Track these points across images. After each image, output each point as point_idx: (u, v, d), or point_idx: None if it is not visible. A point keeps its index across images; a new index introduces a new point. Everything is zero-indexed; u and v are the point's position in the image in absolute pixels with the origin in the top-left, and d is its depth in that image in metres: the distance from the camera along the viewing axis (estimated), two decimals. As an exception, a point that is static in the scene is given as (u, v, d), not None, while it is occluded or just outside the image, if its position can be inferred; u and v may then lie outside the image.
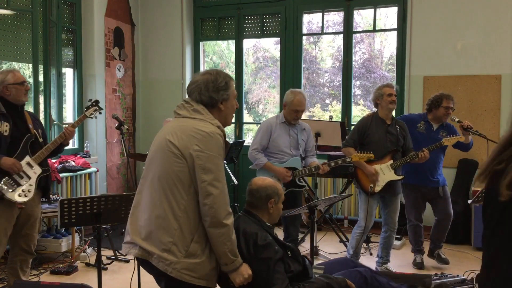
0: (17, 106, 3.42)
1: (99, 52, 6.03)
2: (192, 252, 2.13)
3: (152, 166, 2.25)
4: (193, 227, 2.14)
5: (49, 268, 4.49)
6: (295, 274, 2.48)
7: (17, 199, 3.29)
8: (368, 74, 11.97)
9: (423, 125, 4.46)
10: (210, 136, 2.15)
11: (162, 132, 2.32)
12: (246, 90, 10.95)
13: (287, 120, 4.12)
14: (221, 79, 2.28)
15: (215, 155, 2.15)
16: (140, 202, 2.26)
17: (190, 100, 2.29)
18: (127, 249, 2.27)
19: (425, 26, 5.67)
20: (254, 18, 6.66)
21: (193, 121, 2.22)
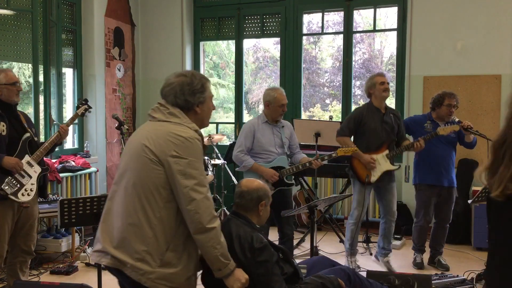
0: (11, 105, 3.39)
1: (99, 52, 6.03)
2: (167, 261, 2.05)
3: (126, 172, 2.14)
4: (168, 236, 2.07)
5: (49, 268, 4.49)
6: (288, 276, 2.46)
7: (21, 199, 3.31)
8: (368, 74, 11.96)
9: (429, 124, 4.46)
10: (188, 141, 2.08)
11: (136, 136, 2.22)
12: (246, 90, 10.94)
13: (272, 119, 4.09)
14: (197, 81, 2.20)
15: (195, 160, 2.08)
16: (112, 209, 2.15)
17: (165, 103, 2.20)
18: (97, 258, 2.14)
19: (425, 26, 5.67)
20: (254, 18, 6.66)
21: (170, 125, 2.13)
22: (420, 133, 4.40)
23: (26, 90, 6.06)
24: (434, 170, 4.36)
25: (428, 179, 4.39)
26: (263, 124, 4.10)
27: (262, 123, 4.10)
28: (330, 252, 4.97)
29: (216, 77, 13.13)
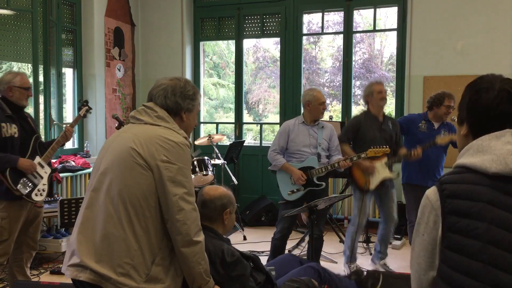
0: (20, 107, 3.46)
1: (99, 52, 6.04)
2: (154, 276, 1.90)
3: (107, 177, 1.96)
4: (154, 248, 1.92)
5: (49, 268, 4.49)
6: (262, 285, 2.39)
7: (35, 199, 3.41)
8: (368, 74, 11.98)
9: (424, 124, 4.47)
10: (179, 147, 1.96)
11: (120, 140, 2.03)
12: (246, 90, 10.95)
13: (309, 119, 4.14)
14: (189, 88, 2.13)
15: (185, 167, 1.96)
16: (91, 218, 1.95)
17: (153, 106, 2.07)
18: (74, 273, 1.91)
19: (425, 26, 5.67)
20: (254, 18, 6.66)
21: (158, 128, 2.00)
22: (414, 133, 4.41)
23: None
24: (421, 170, 4.37)
25: (414, 179, 4.42)
26: (300, 125, 4.16)
27: (299, 123, 4.17)
28: (330, 252, 4.98)
29: (216, 77, 13.13)
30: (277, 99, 7.42)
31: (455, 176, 1.30)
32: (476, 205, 1.22)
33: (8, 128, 3.31)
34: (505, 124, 1.30)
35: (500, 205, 1.21)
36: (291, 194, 4.07)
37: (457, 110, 1.45)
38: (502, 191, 1.22)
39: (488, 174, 1.24)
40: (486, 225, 1.19)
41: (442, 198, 1.27)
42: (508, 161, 1.22)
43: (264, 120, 12.00)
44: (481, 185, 1.23)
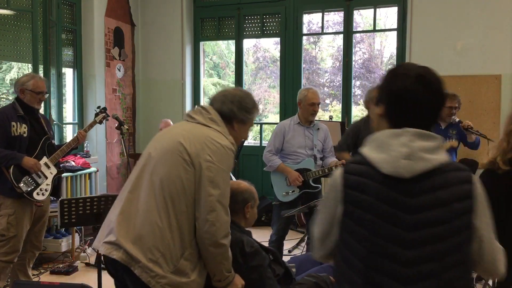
0: (33, 109, 3.53)
1: (99, 52, 6.03)
2: (181, 269, 1.96)
3: (154, 167, 2.04)
4: (186, 242, 1.99)
5: (49, 268, 4.49)
6: (280, 277, 2.44)
7: (36, 198, 3.44)
8: (368, 74, 11.98)
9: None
10: (224, 150, 2.03)
11: (171, 134, 2.14)
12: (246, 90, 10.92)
13: (304, 120, 4.09)
14: (249, 101, 2.20)
15: (226, 170, 2.03)
16: (134, 202, 2.04)
17: (209, 108, 2.16)
18: (108, 250, 1.98)
19: (425, 26, 5.67)
20: (254, 18, 6.66)
21: (208, 130, 2.08)
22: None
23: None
24: None
25: None
26: (295, 125, 4.10)
27: (294, 124, 4.11)
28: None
29: (216, 77, 13.13)
30: (277, 99, 7.43)
31: (356, 167, 1.43)
32: (366, 199, 1.38)
33: (18, 127, 3.41)
34: (416, 110, 1.40)
35: (385, 201, 1.36)
36: (286, 195, 4.03)
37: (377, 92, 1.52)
38: (389, 187, 1.36)
39: (381, 172, 1.37)
40: (372, 218, 1.36)
41: (344, 187, 1.42)
42: (398, 165, 1.34)
43: (264, 120, 12.00)
44: (374, 181, 1.38)
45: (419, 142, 1.36)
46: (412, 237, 1.34)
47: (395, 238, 1.35)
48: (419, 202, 1.34)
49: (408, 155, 1.34)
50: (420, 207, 1.34)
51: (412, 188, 1.35)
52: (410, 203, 1.35)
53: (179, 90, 6.74)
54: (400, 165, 1.34)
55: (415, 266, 1.33)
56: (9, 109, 3.47)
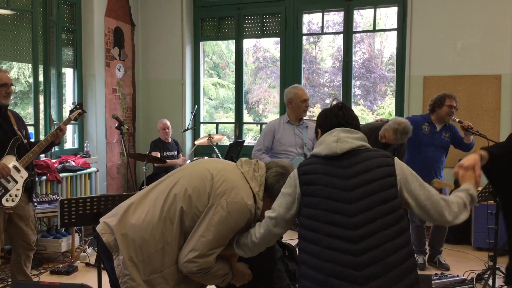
0: (0, 107, 3.29)
1: (99, 52, 6.04)
2: (153, 283, 1.97)
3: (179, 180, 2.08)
4: (169, 261, 2.00)
5: (49, 268, 4.49)
6: (292, 273, 2.48)
7: (5, 204, 3.24)
8: (368, 74, 11.98)
9: (427, 126, 4.46)
10: (242, 206, 2.01)
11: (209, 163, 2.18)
12: (246, 90, 10.93)
13: (295, 118, 4.11)
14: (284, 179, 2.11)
15: (231, 223, 2.00)
16: (146, 200, 2.09)
17: (262, 167, 2.17)
18: (102, 230, 2.07)
19: (425, 26, 5.67)
20: (254, 18, 6.66)
21: (245, 185, 2.07)
22: (417, 135, 4.40)
23: (26, 90, 6.05)
24: (423, 171, 4.35)
25: None
26: (285, 124, 4.12)
27: (284, 123, 4.13)
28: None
29: (216, 77, 13.13)
30: (277, 99, 7.43)
31: (306, 161, 2.02)
32: (316, 176, 1.91)
33: None
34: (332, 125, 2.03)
35: (329, 174, 1.90)
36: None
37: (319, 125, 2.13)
38: (330, 165, 1.92)
39: (322, 156, 1.95)
40: (322, 187, 1.88)
41: (299, 175, 1.96)
42: (332, 146, 1.93)
43: (264, 120, 11.99)
44: (319, 163, 1.94)
45: (344, 134, 1.97)
46: (352, 195, 1.83)
47: (340, 198, 1.84)
48: (352, 171, 1.87)
49: (336, 140, 1.94)
50: (353, 174, 1.87)
51: (345, 162, 1.90)
52: (345, 173, 1.88)
53: (179, 90, 6.74)
54: (332, 146, 1.93)
55: (358, 215, 1.80)
56: None
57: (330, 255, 1.78)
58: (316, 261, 1.80)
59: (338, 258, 1.76)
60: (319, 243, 1.82)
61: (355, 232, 1.77)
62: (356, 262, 1.74)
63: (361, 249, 1.75)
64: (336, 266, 1.76)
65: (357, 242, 1.76)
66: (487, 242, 4.66)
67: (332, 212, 1.82)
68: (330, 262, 1.77)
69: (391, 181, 1.86)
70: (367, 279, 1.72)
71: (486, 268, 4.10)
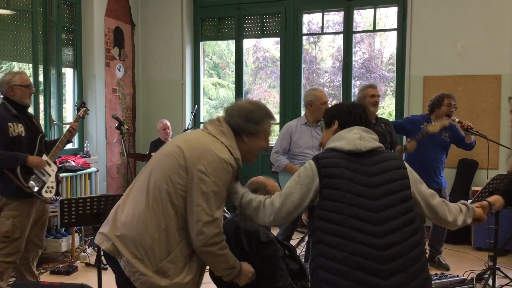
0: (24, 107, 3.50)
1: (99, 52, 6.04)
2: (163, 271, 1.99)
3: (153, 168, 2.10)
4: (173, 245, 2.02)
5: (49, 268, 4.49)
6: (293, 273, 2.50)
7: (45, 196, 3.47)
8: (368, 74, 11.97)
9: (426, 126, 4.46)
10: (221, 163, 2.01)
11: (177, 138, 2.21)
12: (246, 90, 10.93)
13: (313, 120, 4.12)
14: (258, 113, 2.17)
15: (219, 184, 2.01)
16: (129, 199, 2.12)
17: (222, 120, 2.17)
18: (100, 240, 2.11)
19: (425, 26, 5.67)
20: (254, 18, 6.65)
21: (215, 142, 2.08)
22: (415, 133, 4.41)
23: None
24: (423, 172, 4.35)
25: None
26: (302, 126, 4.13)
27: (301, 125, 4.14)
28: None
29: (216, 77, 13.13)
30: (277, 99, 7.42)
31: (325, 154, 2.05)
32: (338, 170, 1.95)
33: (15, 127, 3.37)
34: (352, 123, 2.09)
35: (352, 169, 1.95)
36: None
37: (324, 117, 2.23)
38: (353, 161, 1.97)
39: (344, 151, 1.99)
40: (345, 181, 1.92)
41: (318, 167, 1.98)
42: (356, 143, 1.99)
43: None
44: (341, 158, 1.98)
45: (365, 133, 2.04)
46: (375, 192, 1.91)
47: (363, 194, 1.90)
48: (374, 169, 1.96)
49: (360, 138, 2.01)
50: (376, 172, 1.95)
51: (368, 160, 1.98)
52: (368, 170, 1.95)
53: (179, 90, 6.74)
54: (356, 143, 1.99)
55: (382, 212, 1.87)
56: (2, 110, 3.39)
57: (355, 248, 1.82)
58: (340, 253, 1.84)
59: (363, 251, 1.81)
60: (343, 235, 1.85)
61: (379, 228, 1.84)
62: (381, 256, 1.81)
63: (385, 244, 1.82)
64: (361, 259, 1.81)
65: (382, 237, 1.83)
66: (487, 242, 4.66)
67: (357, 207, 1.87)
68: (354, 255, 1.81)
69: (406, 183, 1.97)
70: (390, 273, 1.80)
71: (486, 268, 4.10)
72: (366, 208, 1.87)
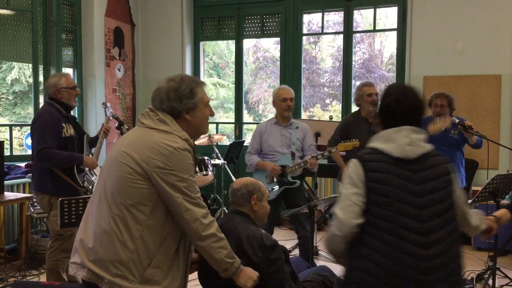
0: (70, 108, 3.61)
1: (99, 52, 6.04)
2: (149, 278, 1.91)
3: (106, 180, 2.00)
4: (152, 250, 1.93)
5: (49, 268, 4.49)
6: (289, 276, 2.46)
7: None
8: (368, 74, 11.98)
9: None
10: (178, 152, 1.93)
11: (120, 143, 2.06)
12: (246, 90, 10.94)
13: (280, 118, 4.17)
14: (185, 87, 2.03)
15: (183, 172, 1.94)
16: (90, 217, 2.01)
17: (155, 109, 2.04)
18: (74, 270, 1.99)
19: (425, 26, 5.67)
20: (254, 18, 6.66)
21: (158, 133, 1.97)
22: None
23: (26, 90, 6.06)
24: None
25: None
26: (272, 125, 4.19)
27: (271, 124, 4.20)
28: (330, 252, 4.97)
29: (216, 77, 13.13)
30: (277, 99, 7.41)
31: (372, 156, 1.94)
32: (386, 176, 1.88)
33: (67, 128, 3.48)
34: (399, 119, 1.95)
35: (400, 176, 1.88)
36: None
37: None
38: (401, 167, 1.89)
39: (393, 157, 1.90)
40: (394, 189, 1.86)
41: (365, 171, 1.89)
42: (405, 150, 1.89)
43: (264, 120, 11.99)
44: (389, 163, 1.90)
45: (414, 135, 1.91)
46: (422, 201, 1.86)
47: (411, 203, 1.85)
48: (422, 176, 1.88)
49: (410, 143, 1.89)
50: (424, 179, 1.88)
51: (416, 167, 1.89)
52: (416, 177, 1.88)
53: (179, 90, 6.74)
54: (406, 150, 1.89)
55: (429, 222, 1.84)
56: (54, 110, 3.48)
57: (401, 258, 1.81)
58: (384, 260, 1.83)
59: (409, 261, 1.81)
60: (389, 244, 1.84)
61: (426, 238, 1.83)
62: (426, 267, 1.81)
63: (432, 255, 1.82)
64: (406, 269, 1.81)
65: (428, 248, 1.82)
66: (487, 242, 4.65)
67: (404, 216, 1.84)
68: (399, 265, 1.81)
69: (451, 190, 1.92)
70: (433, 283, 1.81)
71: (486, 268, 4.10)
72: (413, 217, 1.84)
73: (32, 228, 4.79)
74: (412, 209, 1.84)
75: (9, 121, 11.27)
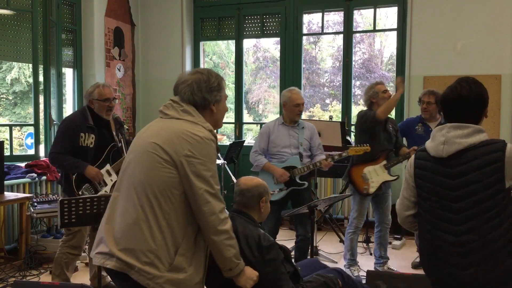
0: (102, 119, 3.64)
1: (99, 52, 6.04)
2: (177, 266, 1.96)
3: (133, 170, 2.04)
4: (178, 238, 1.98)
5: (49, 268, 4.48)
6: (290, 275, 2.48)
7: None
8: (368, 74, 11.98)
9: (420, 127, 4.47)
10: (204, 142, 1.99)
11: (144, 134, 2.12)
12: (246, 90, 10.94)
13: (288, 120, 4.15)
14: (213, 79, 2.12)
15: (209, 161, 2.00)
16: (118, 208, 2.05)
17: (178, 100, 2.11)
18: (101, 260, 2.00)
19: (425, 26, 5.67)
20: (254, 18, 6.66)
21: (184, 123, 2.04)
22: (411, 136, 4.43)
23: (26, 90, 6.06)
24: None
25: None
26: (279, 125, 4.16)
27: (279, 124, 4.17)
28: (330, 252, 4.97)
29: (216, 77, 13.12)
30: (277, 99, 7.43)
31: (421, 153, 2.20)
32: (426, 173, 2.15)
33: (86, 138, 3.54)
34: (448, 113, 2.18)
35: (438, 173, 2.10)
36: (274, 194, 4.05)
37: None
38: (438, 164, 2.10)
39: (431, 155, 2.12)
40: (430, 185, 2.13)
41: (414, 168, 2.20)
42: (438, 149, 2.10)
43: (264, 120, 12.00)
44: (428, 161, 2.15)
45: (453, 132, 2.07)
46: (456, 194, 2.05)
47: (445, 197, 2.07)
48: (457, 171, 2.05)
49: (444, 142, 2.08)
50: (458, 174, 2.04)
51: (450, 163, 2.07)
52: (451, 172, 2.06)
53: (179, 90, 6.73)
54: (439, 149, 2.09)
55: (462, 213, 2.03)
56: (79, 118, 3.55)
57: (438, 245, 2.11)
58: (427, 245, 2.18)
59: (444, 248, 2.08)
60: (429, 232, 2.14)
61: (458, 228, 2.04)
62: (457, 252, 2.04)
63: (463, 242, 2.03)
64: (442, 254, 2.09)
65: (460, 235, 2.03)
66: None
67: (439, 209, 2.09)
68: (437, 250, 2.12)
69: (498, 177, 1.99)
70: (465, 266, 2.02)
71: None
72: (448, 210, 2.06)
73: (32, 228, 4.79)
74: (447, 202, 2.06)
75: (9, 121, 11.28)
